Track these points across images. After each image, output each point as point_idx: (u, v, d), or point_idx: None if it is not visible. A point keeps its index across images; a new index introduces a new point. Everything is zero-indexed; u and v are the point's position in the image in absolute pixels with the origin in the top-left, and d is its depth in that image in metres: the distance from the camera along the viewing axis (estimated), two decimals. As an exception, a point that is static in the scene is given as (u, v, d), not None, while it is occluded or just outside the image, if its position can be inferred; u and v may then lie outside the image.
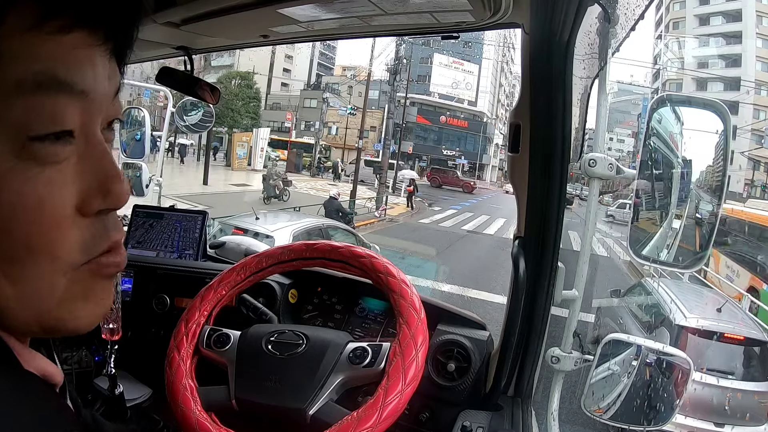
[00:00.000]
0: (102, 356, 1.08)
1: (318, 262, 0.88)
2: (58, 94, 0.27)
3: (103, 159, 0.30)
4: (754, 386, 3.89)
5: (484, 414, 0.84)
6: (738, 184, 25.73)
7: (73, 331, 0.31)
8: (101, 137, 0.31)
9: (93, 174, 0.30)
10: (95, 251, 0.31)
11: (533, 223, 0.82)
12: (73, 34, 0.27)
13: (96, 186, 0.30)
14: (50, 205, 0.28)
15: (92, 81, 0.29)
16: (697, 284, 7.10)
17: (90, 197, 0.30)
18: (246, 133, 21.36)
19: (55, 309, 0.29)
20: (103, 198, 0.30)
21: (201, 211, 1.36)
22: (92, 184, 0.30)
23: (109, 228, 0.32)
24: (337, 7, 0.74)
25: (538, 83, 0.72)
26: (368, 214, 13.07)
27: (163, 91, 3.96)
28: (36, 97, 0.26)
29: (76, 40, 0.28)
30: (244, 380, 0.74)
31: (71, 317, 0.30)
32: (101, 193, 0.30)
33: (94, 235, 0.30)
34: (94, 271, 0.31)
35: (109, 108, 0.31)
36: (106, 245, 0.31)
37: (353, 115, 25.56)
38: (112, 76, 0.31)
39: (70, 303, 0.30)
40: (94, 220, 0.30)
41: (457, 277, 7.60)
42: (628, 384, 0.88)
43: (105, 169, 0.30)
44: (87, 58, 0.28)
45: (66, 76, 0.27)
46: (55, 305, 0.29)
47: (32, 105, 0.26)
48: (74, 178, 0.29)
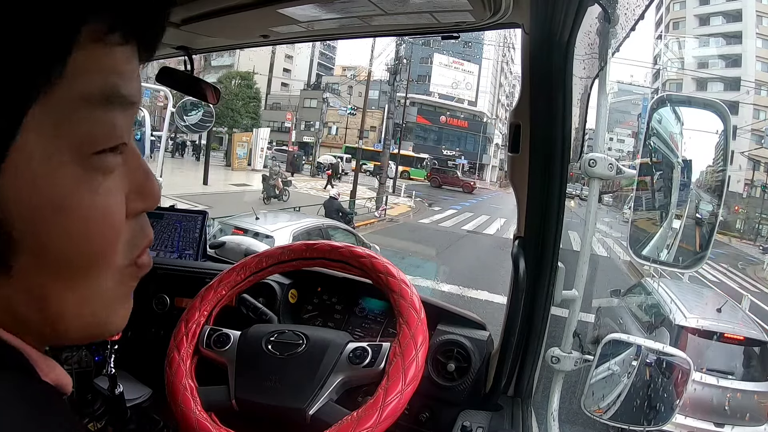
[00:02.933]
0: (102, 356, 1.08)
1: (318, 262, 0.88)
2: (119, 108, 0.28)
3: (139, 162, 0.31)
4: (754, 386, 3.89)
5: (484, 414, 0.84)
6: (738, 184, 25.75)
7: (109, 335, 0.32)
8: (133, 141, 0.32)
9: (134, 177, 0.31)
10: (136, 252, 0.32)
11: (533, 223, 0.82)
12: (128, 45, 0.28)
13: (136, 188, 0.31)
14: (113, 214, 0.29)
15: (137, 89, 0.30)
16: (697, 284, 7.10)
17: (132, 200, 0.30)
18: (246, 133, 21.35)
19: (101, 313, 0.30)
20: (143, 199, 0.31)
21: (201, 211, 1.36)
22: (134, 186, 0.31)
23: (144, 227, 0.33)
24: (337, 7, 0.74)
25: (538, 83, 0.72)
26: (368, 214, 13.07)
27: (163, 91, 3.96)
28: (102, 112, 0.27)
29: (129, 50, 0.28)
30: (244, 380, 0.75)
31: (111, 320, 0.31)
32: (141, 194, 0.31)
33: (135, 236, 0.31)
34: (134, 274, 0.32)
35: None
36: (144, 243, 0.33)
37: (353, 115, 25.58)
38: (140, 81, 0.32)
39: (112, 306, 0.31)
40: (133, 222, 0.31)
41: (457, 277, 7.60)
42: (628, 384, 0.88)
43: (141, 171, 0.31)
44: (134, 67, 0.29)
45: (125, 89, 0.28)
46: (101, 309, 0.30)
47: (98, 119, 0.26)
48: (123, 183, 0.30)
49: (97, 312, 0.30)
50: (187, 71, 1.03)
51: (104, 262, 0.29)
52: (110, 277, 0.30)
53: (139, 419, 0.98)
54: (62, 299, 0.28)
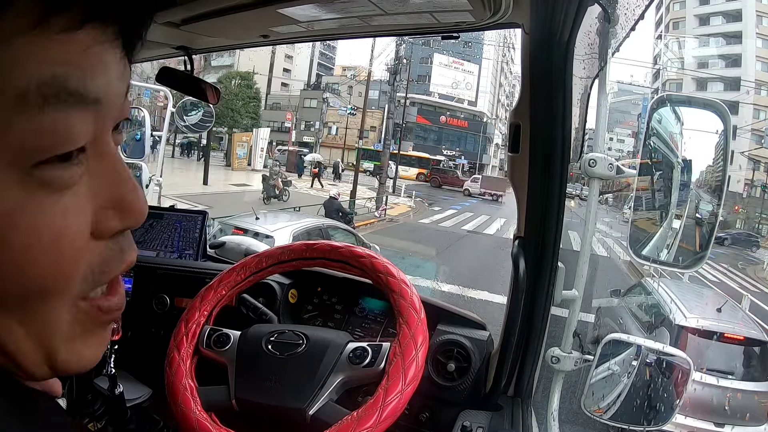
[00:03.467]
0: (102, 356, 1.08)
1: (318, 262, 0.88)
2: (69, 107, 0.23)
3: (118, 172, 0.26)
4: (754, 386, 3.89)
5: (484, 414, 0.84)
6: (738, 184, 25.76)
7: (77, 372, 0.28)
8: (112, 144, 0.27)
9: (108, 190, 0.26)
10: (104, 279, 0.27)
11: (533, 223, 0.82)
12: (84, 30, 0.23)
13: (111, 203, 0.26)
14: (68, 238, 0.24)
15: (105, 85, 0.24)
16: (697, 284, 7.10)
17: (106, 218, 0.26)
18: (246, 133, 21.37)
19: (62, 347, 0.26)
20: (120, 217, 0.26)
21: (201, 211, 1.36)
22: (107, 202, 0.26)
23: (124, 249, 0.28)
24: (337, 7, 0.74)
25: (538, 83, 0.72)
26: (368, 214, 13.08)
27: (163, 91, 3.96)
28: (43, 114, 0.22)
29: (87, 38, 0.23)
30: (244, 380, 0.74)
31: (76, 358, 0.27)
32: (118, 210, 0.26)
33: (105, 260, 0.27)
34: (93, 316, 0.27)
35: (121, 110, 0.27)
36: (120, 269, 0.28)
37: (353, 115, 25.58)
38: (123, 75, 0.26)
39: (74, 344, 0.27)
40: (108, 243, 0.26)
41: (457, 277, 7.60)
42: (628, 384, 0.88)
43: (120, 183, 0.26)
44: (99, 58, 0.24)
45: (78, 84, 0.23)
46: (61, 344, 0.26)
47: (39, 123, 0.22)
48: (89, 198, 0.25)
49: (59, 349, 0.26)
50: (187, 71, 1.03)
51: (58, 293, 0.25)
52: (65, 309, 0.25)
53: (139, 419, 0.98)
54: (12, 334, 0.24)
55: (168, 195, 7.25)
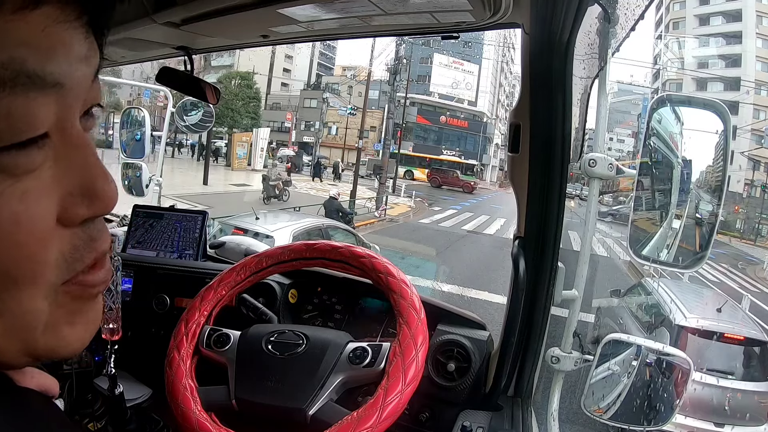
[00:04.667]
0: (102, 356, 1.08)
1: (318, 262, 0.88)
2: (27, 91, 0.21)
3: (86, 157, 0.25)
4: (754, 386, 3.89)
5: (484, 414, 0.84)
6: (738, 184, 25.76)
7: (64, 357, 0.28)
8: (80, 130, 0.26)
9: (75, 176, 0.25)
10: (78, 266, 0.26)
11: (533, 223, 0.82)
12: (41, 9, 0.21)
13: (79, 190, 0.25)
14: (28, 223, 0.23)
15: (67, 67, 0.23)
16: (697, 284, 7.10)
17: (73, 205, 0.25)
18: (246, 133, 21.37)
19: (42, 338, 0.25)
20: (88, 204, 0.25)
21: (201, 211, 1.36)
22: (74, 188, 0.25)
23: (95, 238, 0.27)
24: (337, 7, 0.74)
25: (538, 83, 0.72)
26: (368, 214, 13.08)
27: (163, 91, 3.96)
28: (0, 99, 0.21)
29: (45, 17, 0.22)
30: (244, 380, 0.74)
31: (61, 344, 0.27)
32: (86, 197, 0.25)
33: (77, 247, 0.26)
34: (76, 294, 0.27)
35: (88, 94, 0.26)
36: (91, 258, 0.27)
37: (353, 115, 25.58)
38: (90, 55, 0.25)
39: (56, 329, 0.26)
40: (77, 231, 0.26)
41: (457, 277, 7.60)
42: (628, 384, 0.88)
43: (88, 169, 0.25)
44: (59, 39, 0.22)
45: (36, 66, 0.21)
46: (41, 334, 0.25)
47: None
48: (53, 184, 0.24)
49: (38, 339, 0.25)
50: (187, 71, 1.03)
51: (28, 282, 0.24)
52: (41, 298, 0.25)
53: (139, 419, 0.98)
54: None
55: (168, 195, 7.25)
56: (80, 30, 0.24)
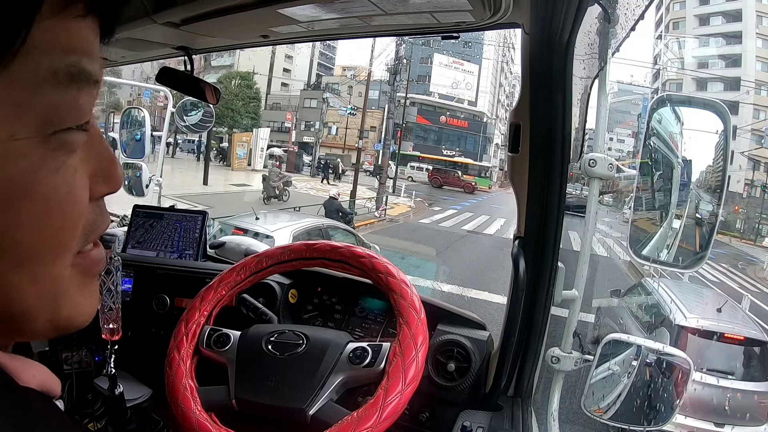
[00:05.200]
0: (102, 356, 1.08)
1: (318, 262, 0.88)
2: (83, 86, 0.26)
3: (102, 143, 0.30)
4: (754, 386, 3.89)
5: (484, 414, 0.84)
6: (738, 184, 25.76)
7: (76, 328, 0.30)
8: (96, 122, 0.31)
9: (97, 159, 0.29)
10: (90, 239, 0.30)
11: (533, 223, 0.82)
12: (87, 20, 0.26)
13: (100, 171, 0.30)
14: (77, 194, 0.27)
15: (99, 68, 0.28)
16: (697, 284, 7.10)
17: (96, 183, 0.29)
18: (246, 133, 21.36)
19: (64, 305, 0.28)
20: (106, 182, 0.30)
21: (201, 211, 1.36)
22: (97, 169, 0.29)
23: (104, 213, 0.31)
24: (337, 7, 0.74)
25: (538, 83, 0.72)
26: (368, 214, 13.08)
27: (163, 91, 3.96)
28: (68, 90, 0.25)
29: (90, 27, 0.26)
30: (244, 380, 0.75)
31: (76, 313, 0.30)
32: (104, 177, 0.30)
33: (95, 221, 0.30)
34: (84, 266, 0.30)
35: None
36: (102, 228, 0.31)
37: (353, 115, 25.57)
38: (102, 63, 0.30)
39: (73, 298, 0.29)
40: (94, 206, 0.30)
41: (457, 277, 7.60)
42: (628, 384, 0.88)
43: (106, 154, 0.30)
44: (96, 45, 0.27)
45: (90, 66, 0.26)
46: (63, 301, 0.28)
47: (63, 97, 0.25)
48: (85, 164, 0.28)
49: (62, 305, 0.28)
50: (187, 71, 1.03)
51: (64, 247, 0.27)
52: (67, 265, 0.28)
53: (139, 419, 0.98)
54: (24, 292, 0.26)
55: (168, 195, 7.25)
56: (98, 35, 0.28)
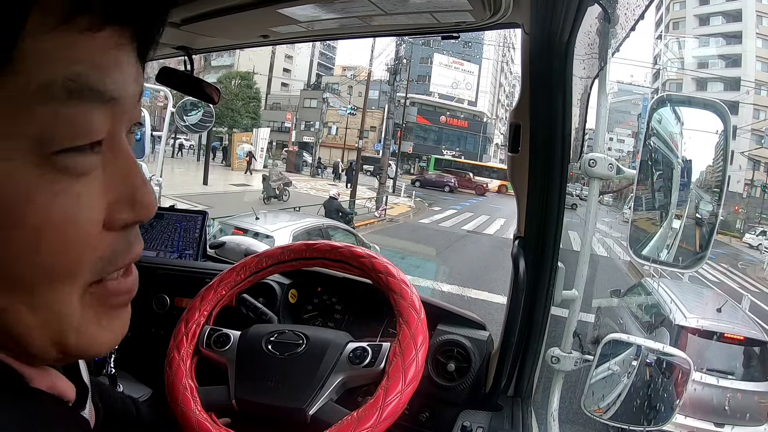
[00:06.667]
0: (102, 356, 1.08)
1: (318, 262, 0.88)
2: (89, 102, 0.24)
3: (131, 168, 0.28)
4: (754, 386, 3.89)
5: (484, 414, 0.84)
6: (738, 184, 25.77)
7: (94, 356, 0.29)
8: (127, 144, 0.28)
9: (121, 184, 0.27)
10: (109, 269, 0.28)
11: (533, 223, 0.82)
12: (103, 32, 0.24)
13: (124, 197, 0.27)
14: (80, 223, 0.25)
15: (122, 86, 0.26)
16: (697, 284, 7.10)
17: (118, 210, 0.27)
18: (246, 133, 21.36)
19: (74, 335, 0.27)
20: (131, 210, 0.28)
21: (201, 211, 1.36)
22: (120, 195, 0.27)
23: (132, 242, 0.29)
24: (337, 7, 0.74)
25: (538, 83, 0.72)
26: (368, 214, 13.08)
27: (163, 91, 3.96)
28: (66, 107, 0.23)
29: (106, 39, 0.24)
30: (244, 380, 0.74)
31: (91, 342, 0.28)
32: (129, 204, 0.28)
33: (115, 251, 0.28)
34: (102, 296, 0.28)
35: (133, 112, 0.29)
36: (126, 261, 0.29)
37: (353, 115, 25.57)
38: (137, 77, 0.28)
39: (87, 328, 0.27)
40: (118, 235, 0.28)
41: (457, 277, 7.60)
42: (628, 384, 0.88)
43: (133, 179, 0.28)
44: (116, 59, 0.25)
45: (98, 82, 0.24)
46: (74, 331, 0.27)
47: (60, 115, 0.23)
48: (102, 190, 0.26)
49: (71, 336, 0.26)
50: (187, 71, 1.03)
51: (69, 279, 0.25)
52: (76, 295, 0.26)
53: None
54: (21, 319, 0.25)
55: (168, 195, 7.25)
56: (132, 55, 0.27)
